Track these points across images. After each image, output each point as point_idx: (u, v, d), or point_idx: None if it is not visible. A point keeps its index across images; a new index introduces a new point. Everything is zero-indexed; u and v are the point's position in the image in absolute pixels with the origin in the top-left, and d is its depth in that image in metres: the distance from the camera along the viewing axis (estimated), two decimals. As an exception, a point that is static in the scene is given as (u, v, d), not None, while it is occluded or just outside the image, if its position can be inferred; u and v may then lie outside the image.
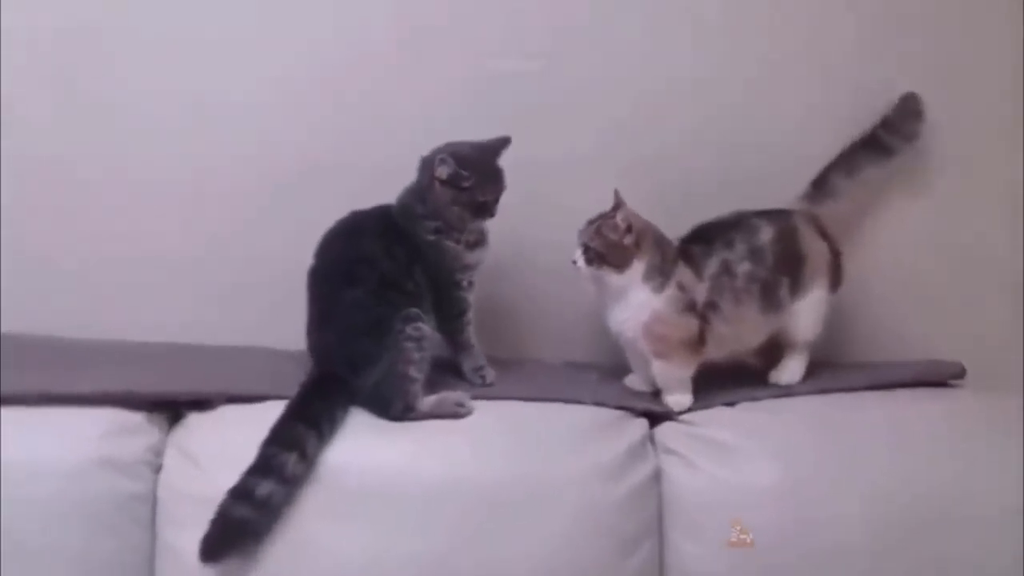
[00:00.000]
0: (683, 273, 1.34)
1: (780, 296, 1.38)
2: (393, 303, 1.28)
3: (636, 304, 1.34)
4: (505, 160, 1.36)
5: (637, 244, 1.33)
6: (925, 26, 1.55)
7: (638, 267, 1.33)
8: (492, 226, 1.39)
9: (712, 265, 1.35)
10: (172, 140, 1.51)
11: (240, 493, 1.16)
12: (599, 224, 1.35)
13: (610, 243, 1.33)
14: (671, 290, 1.33)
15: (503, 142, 1.34)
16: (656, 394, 1.39)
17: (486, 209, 1.34)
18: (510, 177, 1.36)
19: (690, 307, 1.34)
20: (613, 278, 1.33)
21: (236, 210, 1.53)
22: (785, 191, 1.49)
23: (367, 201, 1.38)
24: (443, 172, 1.30)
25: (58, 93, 1.49)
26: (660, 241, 1.36)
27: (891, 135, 1.49)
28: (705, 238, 1.38)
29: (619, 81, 1.53)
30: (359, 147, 1.51)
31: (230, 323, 1.51)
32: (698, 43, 1.54)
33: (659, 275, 1.33)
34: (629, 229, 1.33)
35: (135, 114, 1.50)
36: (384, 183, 1.38)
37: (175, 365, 1.39)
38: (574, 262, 1.35)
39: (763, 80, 1.55)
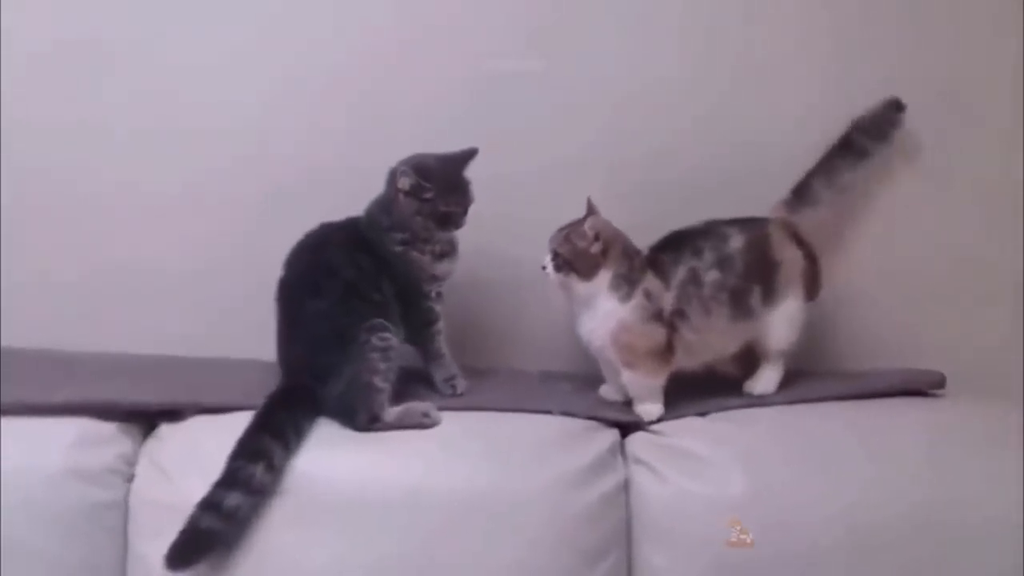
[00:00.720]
0: (650, 281, 1.34)
1: (751, 304, 1.37)
2: (358, 313, 1.29)
3: (603, 313, 1.34)
4: (498, 165, 1.37)
5: (604, 253, 1.33)
6: (920, 26, 1.54)
7: (604, 276, 1.33)
8: (477, 233, 1.40)
9: (680, 273, 1.35)
10: (168, 150, 1.53)
11: (208, 505, 1.17)
12: (568, 231, 1.35)
13: (578, 251, 1.33)
14: (637, 299, 1.33)
15: (469, 153, 1.35)
16: (629, 404, 1.38)
17: (451, 220, 1.34)
18: (500, 183, 1.37)
19: (657, 316, 1.33)
20: (580, 286, 1.34)
21: (235, 220, 1.55)
22: (779, 194, 1.48)
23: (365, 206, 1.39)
24: (405, 183, 1.31)
25: (56, 106, 1.51)
26: (628, 250, 1.36)
27: (863, 137, 1.47)
28: (675, 246, 1.37)
29: (615, 83, 1.54)
30: (359, 150, 1.52)
31: (228, 334, 1.52)
32: (696, 46, 1.54)
33: (626, 284, 1.33)
34: (597, 238, 1.33)
35: (131, 125, 1.53)
36: (382, 187, 1.38)
37: (152, 376, 1.40)
38: (544, 268, 1.36)
39: (762, 82, 1.55)
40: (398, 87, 1.53)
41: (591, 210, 1.36)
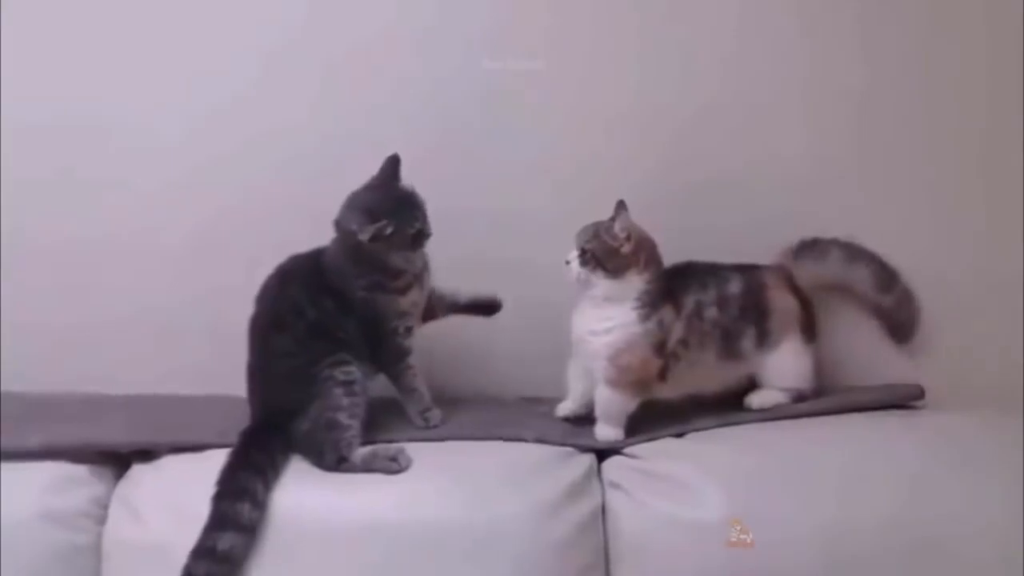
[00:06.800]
0: (666, 311, 1.34)
1: (742, 346, 1.38)
2: (321, 351, 1.29)
3: (619, 322, 1.32)
4: (493, 172, 1.44)
5: (635, 254, 1.32)
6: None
7: (633, 282, 1.32)
8: (465, 243, 1.43)
9: (689, 304, 1.35)
10: (140, 196, 1.54)
11: (202, 551, 1.17)
12: (598, 228, 1.34)
13: (608, 249, 1.32)
14: (652, 325, 1.33)
15: (394, 163, 1.32)
16: (584, 419, 1.38)
17: (422, 235, 1.32)
18: (495, 191, 1.42)
19: (660, 347, 1.33)
20: (605, 284, 1.32)
21: (204, 259, 1.55)
22: (780, 199, 1.50)
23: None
24: (365, 236, 1.28)
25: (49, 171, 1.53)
26: (655, 261, 1.35)
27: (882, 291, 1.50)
28: (686, 276, 1.38)
29: (615, 85, 1.53)
30: (353, 150, 1.48)
31: (196, 372, 1.51)
32: (701, 53, 1.53)
33: (649, 305, 1.33)
34: (628, 238, 1.32)
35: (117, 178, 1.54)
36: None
37: (124, 417, 1.40)
38: (567, 262, 1.35)
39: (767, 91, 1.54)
40: (394, 88, 1.52)
41: (619, 212, 1.33)
